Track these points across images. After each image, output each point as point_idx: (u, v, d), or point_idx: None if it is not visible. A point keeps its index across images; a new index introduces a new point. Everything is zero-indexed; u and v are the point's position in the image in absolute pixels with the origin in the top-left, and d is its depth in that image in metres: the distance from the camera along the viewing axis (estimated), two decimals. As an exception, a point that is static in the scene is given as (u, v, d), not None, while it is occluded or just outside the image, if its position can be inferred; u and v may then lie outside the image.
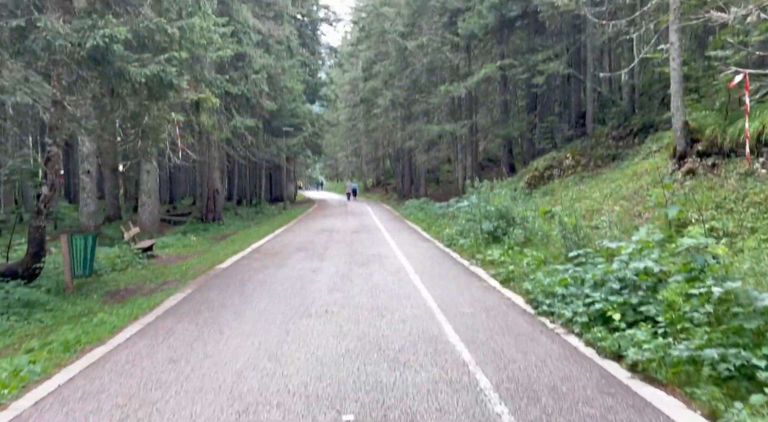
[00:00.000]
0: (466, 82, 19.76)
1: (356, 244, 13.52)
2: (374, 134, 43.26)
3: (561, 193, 16.63)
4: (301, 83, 29.55)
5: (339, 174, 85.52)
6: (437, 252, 12.00)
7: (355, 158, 69.28)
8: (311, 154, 52.43)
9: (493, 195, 13.54)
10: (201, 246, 15.97)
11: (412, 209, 24.61)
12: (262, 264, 10.38)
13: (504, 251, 10.34)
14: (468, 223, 13.36)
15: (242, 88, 17.80)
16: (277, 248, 12.93)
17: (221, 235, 19.52)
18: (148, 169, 18.38)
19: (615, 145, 17.30)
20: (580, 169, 17.30)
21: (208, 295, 7.63)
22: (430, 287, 7.86)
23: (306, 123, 34.06)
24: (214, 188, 23.04)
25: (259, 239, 15.52)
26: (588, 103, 19.29)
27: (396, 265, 10.02)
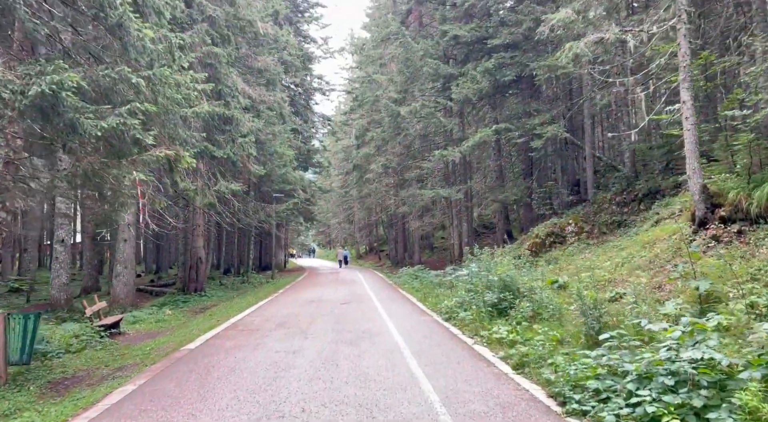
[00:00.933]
0: (461, 146, 19.16)
1: (345, 317, 12.24)
2: (367, 200, 42.65)
3: (565, 261, 15.59)
4: (293, 149, 29.08)
5: (332, 241, 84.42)
6: (435, 327, 10.73)
7: (348, 224, 68.53)
8: (303, 221, 51.57)
9: (494, 263, 12.45)
10: (176, 321, 14.58)
11: (406, 278, 23.37)
12: (236, 344, 9.07)
13: (512, 327, 9.13)
14: (468, 294, 12.18)
15: (228, 151, 17.02)
16: (256, 324, 11.62)
17: (201, 307, 18.13)
18: (125, 237, 17.25)
19: (619, 211, 16.46)
20: (584, 236, 16.35)
21: (164, 387, 6.32)
22: (430, 374, 6.61)
23: (297, 189, 33.36)
24: (197, 256, 21.84)
25: (239, 313, 14.18)
26: (587, 168, 18.64)
27: (389, 344, 8.75)
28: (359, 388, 6.01)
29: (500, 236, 24.79)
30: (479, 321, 10.34)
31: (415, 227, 32.97)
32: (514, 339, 8.41)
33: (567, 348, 7.26)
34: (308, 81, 42.77)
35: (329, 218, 73.22)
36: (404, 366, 7.13)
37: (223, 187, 16.88)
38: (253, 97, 21.97)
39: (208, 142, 16.94)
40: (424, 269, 25.51)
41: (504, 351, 7.84)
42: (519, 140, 18.18)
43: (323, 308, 14.38)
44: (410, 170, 30.57)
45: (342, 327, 10.71)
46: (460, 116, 21.54)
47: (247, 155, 18.80)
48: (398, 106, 22.75)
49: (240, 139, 17.56)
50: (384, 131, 25.85)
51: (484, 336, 9.14)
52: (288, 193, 30.61)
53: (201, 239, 21.91)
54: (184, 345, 9.33)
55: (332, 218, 72.13)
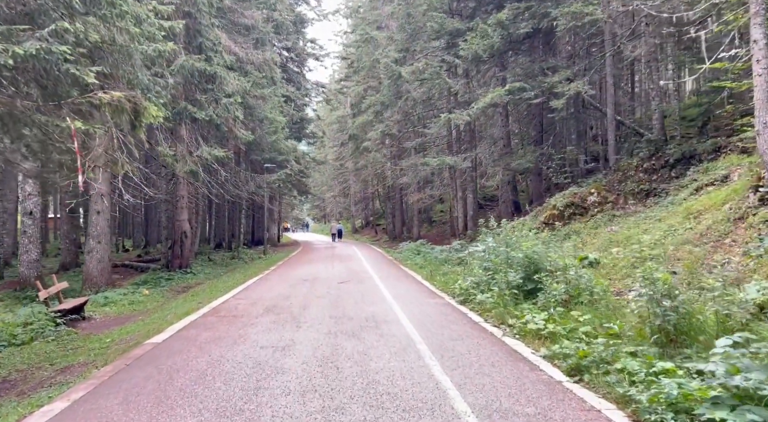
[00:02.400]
0: (469, 109, 17.35)
1: (344, 300, 10.64)
2: (364, 172, 40.85)
3: (588, 235, 14.00)
4: (285, 117, 27.14)
5: (327, 215, 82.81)
6: (452, 313, 9.13)
7: (344, 198, 66.90)
8: (297, 194, 49.82)
9: (518, 238, 10.82)
10: (153, 303, 12.97)
11: (408, 253, 21.81)
12: (213, 336, 7.45)
13: (548, 315, 7.55)
14: (486, 273, 10.58)
15: (211, 113, 15.18)
16: (241, 308, 10.00)
17: (184, 286, 16.52)
18: (98, 208, 15.49)
19: (647, 179, 14.80)
20: (609, 206, 14.72)
21: (104, 405, 4.70)
22: (461, 383, 5.02)
23: (290, 160, 31.51)
24: (181, 230, 20.13)
25: (224, 293, 12.57)
26: (609, 132, 16.91)
27: (401, 337, 7.16)
28: (369, 408, 4.40)
29: (505, 208, 23.17)
30: (503, 306, 8.76)
31: (415, 200, 31.32)
32: (554, 331, 6.83)
33: (630, 346, 5.68)
34: (301, 46, 40.45)
35: (324, 192, 71.55)
36: (424, 370, 5.53)
37: (206, 153, 15.07)
38: (240, 56, 19.99)
39: (188, 102, 15.08)
40: (426, 243, 23.94)
41: (546, 348, 6.25)
42: (534, 101, 16.38)
43: (319, 288, 12.78)
44: (410, 139, 28.75)
45: (341, 313, 9.10)
46: (466, 76, 19.66)
47: (234, 119, 16.95)
48: (399, 66, 20.81)
49: (224, 99, 15.69)
50: (383, 96, 23.92)
51: (514, 326, 7.55)
52: (280, 164, 28.78)
53: (185, 211, 20.17)
54: (151, 336, 7.70)
55: (327, 191, 70.46)
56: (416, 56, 21.51)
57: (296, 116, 32.72)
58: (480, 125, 26.05)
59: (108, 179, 15.58)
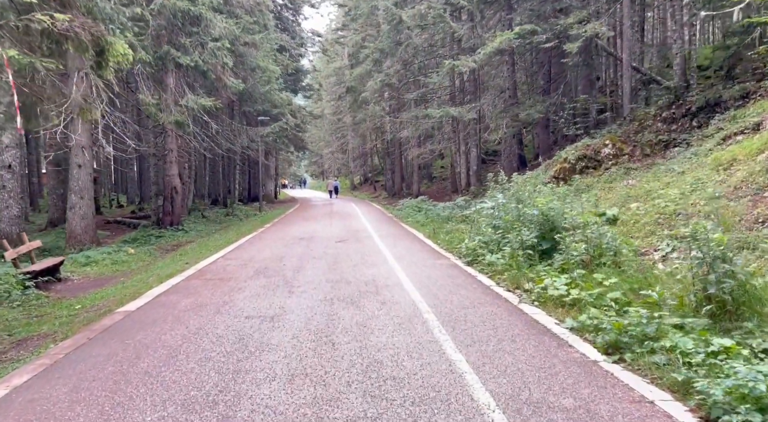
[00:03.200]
0: (475, 55, 16.10)
1: (342, 261, 9.83)
2: (362, 126, 39.50)
3: (602, 189, 13.08)
4: (278, 65, 25.75)
5: (324, 172, 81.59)
6: (460, 276, 8.32)
7: (342, 154, 65.59)
8: (294, 149, 48.61)
9: (530, 193, 9.92)
10: (137, 263, 12.18)
11: (409, 210, 20.96)
12: (195, 303, 6.65)
13: (570, 279, 6.73)
14: (495, 231, 9.74)
15: (196, 58, 13.98)
16: (230, 270, 9.19)
17: (174, 244, 15.73)
18: (79, 162, 14.50)
19: (666, 129, 13.79)
20: (625, 159, 13.76)
21: (50, 395, 3.89)
22: (478, 364, 4.22)
23: (285, 113, 30.25)
24: (171, 186, 19.19)
25: (214, 253, 11.78)
26: (624, 80, 15.78)
27: (405, 304, 6.35)
28: (371, 398, 3.60)
29: (509, 163, 22.15)
30: (516, 268, 7.95)
31: (415, 155, 30.25)
32: (578, 298, 6.03)
33: (673, 318, 4.86)
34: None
35: (321, 148, 70.21)
36: (434, 346, 4.72)
37: (192, 102, 13.95)
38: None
39: (172, 46, 13.86)
40: (427, 200, 23.08)
41: (571, 318, 5.45)
42: (546, 45, 15.12)
43: (315, 248, 11.96)
44: (410, 91, 27.41)
45: (339, 276, 8.29)
46: (471, 20, 18.27)
47: (222, 66, 15.73)
48: (399, 9, 19.36)
49: (211, 43, 14.45)
50: (382, 43, 22.47)
51: (531, 291, 6.75)
52: (275, 117, 27.55)
53: (175, 166, 19.16)
54: (126, 302, 6.90)
55: (325, 147, 69.12)
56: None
57: (291, 66, 31.20)
58: (484, 75, 24.73)
59: (89, 130, 14.52)
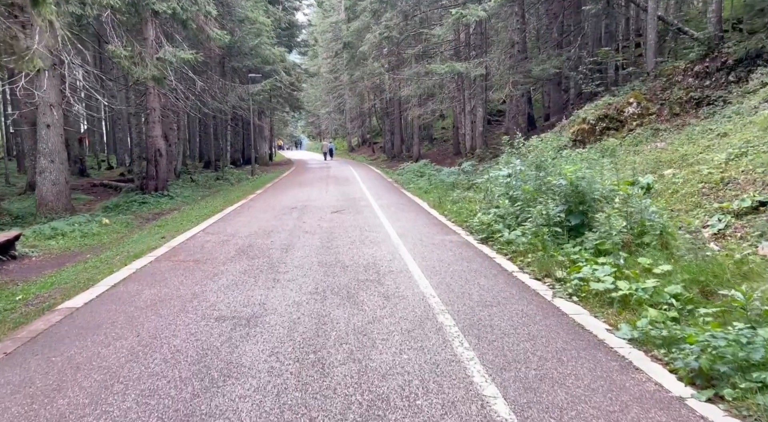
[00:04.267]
0: (485, 3, 14.50)
1: (338, 237, 8.64)
2: (359, 84, 37.74)
3: (627, 153, 11.80)
4: (270, 18, 23.93)
5: (321, 132, 79.67)
6: (475, 259, 7.12)
7: (339, 114, 63.65)
8: (290, 109, 46.81)
9: (553, 159, 8.64)
10: (111, 235, 10.97)
11: (410, 175, 19.68)
12: (157, 296, 5.47)
13: (614, 266, 5.54)
14: (513, 204, 8.51)
15: (174, 5, 12.41)
16: (209, 248, 7.99)
17: (156, 213, 14.51)
18: (47, 121, 13.10)
19: (698, 85, 12.40)
20: (652, 119, 12.43)
21: None
22: (523, 404, 3.05)
23: (279, 70, 28.51)
24: (154, 148, 17.81)
25: (196, 225, 10.58)
26: (648, 30, 14.25)
27: (413, 300, 5.18)
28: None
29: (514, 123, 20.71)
30: (542, 249, 6.77)
31: (415, 115, 28.69)
32: (631, 294, 4.85)
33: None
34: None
35: (318, 108, 68.24)
36: (457, 372, 3.56)
37: (170, 55, 12.44)
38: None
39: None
40: (429, 164, 21.76)
41: (626, 322, 4.29)
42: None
43: (308, 219, 10.75)
44: (411, 46, 25.64)
45: (333, 258, 7.10)
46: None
47: (205, 15, 14.12)
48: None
49: (190, -12, 12.84)
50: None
51: (565, 281, 5.58)
52: (267, 74, 25.85)
53: (158, 126, 17.73)
54: (75, 293, 5.72)
55: (321, 107, 67.17)
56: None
57: (284, 19, 29.26)
58: (491, 29, 22.99)
59: (56, 86, 13.06)
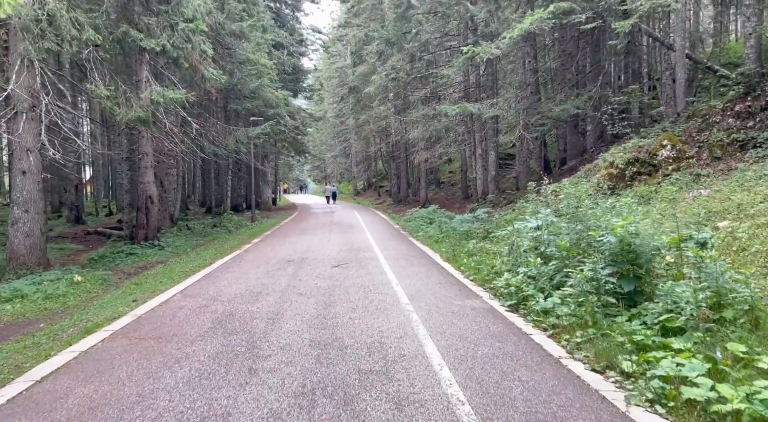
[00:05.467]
0: (499, 40, 13.54)
1: (337, 303, 7.25)
2: (365, 128, 37.06)
3: (664, 202, 10.47)
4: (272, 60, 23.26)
5: (327, 176, 79.20)
6: (507, 334, 5.68)
7: (344, 158, 63.22)
8: (295, 153, 46.13)
9: (596, 210, 7.31)
10: (80, 296, 9.61)
11: (419, 222, 18.37)
12: (88, 399, 4.07)
13: (707, 359, 4.12)
14: (546, 262, 7.15)
15: (164, 42, 11.48)
16: (180, 319, 6.61)
17: (140, 266, 13.19)
18: (23, 167, 11.97)
19: (740, 126, 11.19)
20: (689, 163, 11.16)
21: None
22: None
23: (283, 114, 27.74)
24: (146, 195, 16.66)
25: (176, 283, 9.24)
26: (677, 69, 13.18)
27: (435, 406, 3.76)
28: None
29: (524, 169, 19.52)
30: (593, 323, 5.39)
31: (422, 159, 27.68)
32: (741, 409, 3.42)
33: None
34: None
35: (324, 152, 67.96)
36: None
37: (157, 95, 11.39)
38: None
39: (132, 26, 11.36)
40: (438, 209, 20.49)
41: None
42: (587, 26, 12.54)
43: (305, 276, 9.38)
44: (418, 89, 24.85)
45: (329, 334, 5.69)
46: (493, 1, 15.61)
47: (200, 54, 13.19)
48: (408, -9, 16.82)
49: (183, 25, 11.93)
50: (387, 31, 19.88)
51: (638, 378, 4.14)
52: (270, 118, 25.01)
53: (150, 172, 16.64)
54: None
55: (327, 151, 66.91)
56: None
57: (288, 63, 28.72)
58: (500, 71, 22.18)
59: (35, 130, 12.00)
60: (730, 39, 25.13)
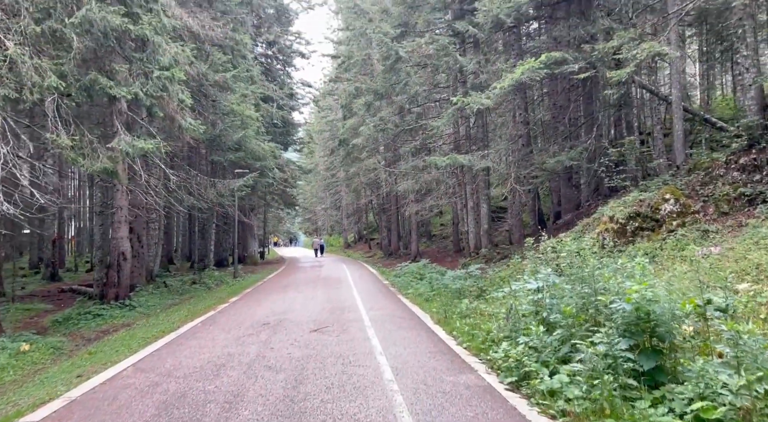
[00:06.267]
0: (490, 90, 13.11)
1: (309, 379, 6.26)
2: (355, 180, 36.59)
3: (671, 259, 9.69)
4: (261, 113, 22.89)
5: (318, 229, 78.40)
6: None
7: (335, 211, 62.61)
8: (284, 206, 45.47)
9: (605, 269, 6.49)
10: (23, 368, 8.53)
11: (409, 277, 17.44)
12: None
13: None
14: (550, 331, 6.27)
15: (137, 90, 10.88)
16: (120, 403, 5.59)
17: (104, 329, 12.13)
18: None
19: (747, 179, 10.59)
20: (694, 218, 10.46)
21: None
22: None
23: (272, 167, 27.19)
24: (118, 251, 15.73)
25: (134, 352, 8.21)
26: (675, 121, 12.76)
27: None
28: None
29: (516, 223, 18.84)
30: (612, 413, 4.47)
31: (413, 211, 27.01)
32: None
33: None
34: (284, 42, 36.22)
35: (314, 204, 67.51)
36: None
37: (125, 144, 10.67)
38: (195, 30, 15.72)
39: (102, 73, 10.78)
40: (429, 264, 19.60)
41: None
42: (580, 76, 12.15)
43: (278, 344, 8.37)
44: (407, 142, 24.46)
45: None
46: (480, 52, 15.31)
47: (178, 103, 12.62)
48: (397, 44, 16.57)
49: (158, 72, 11.38)
50: (377, 84, 19.58)
51: None
52: (258, 170, 24.39)
53: (124, 226, 15.77)
54: None
55: (318, 203, 66.47)
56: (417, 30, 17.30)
57: (277, 115, 28.43)
58: (491, 123, 21.88)
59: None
60: (716, 94, 25.25)
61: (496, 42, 16.37)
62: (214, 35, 16.60)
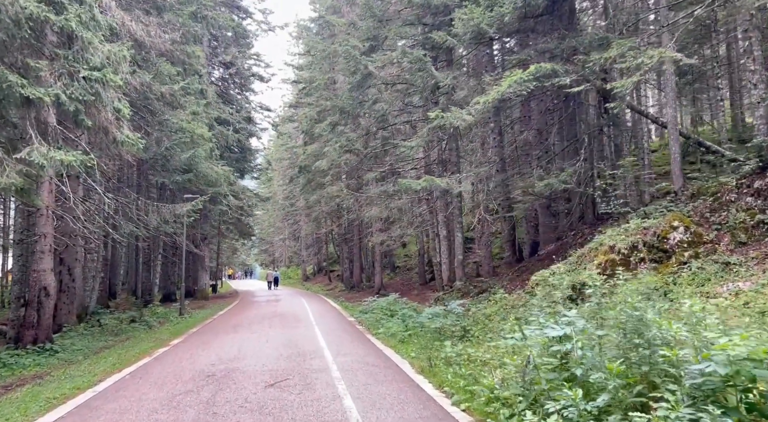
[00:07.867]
0: (472, 106, 11.80)
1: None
2: (316, 209, 34.80)
3: (689, 296, 8.37)
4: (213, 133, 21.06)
5: (275, 260, 75.54)
6: None
7: (294, 242, 60.38)
8: (239, 236, 43.11)
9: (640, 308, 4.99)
10: None
11: (378, 314, 15.63)
12: None
13: None
14: (591, 396, 4.70)
15: (57, 91, 9.01)
16: None
17: (4, 385, 9.84)
18: None
19: (763, 205, 9.47)
20: (711, 248, 9.22)
21: None
22: None
23: (224, 191, 25.20)
24: (39, 286, 13.42)
25: None
26: (671, 144, 11.74)
27: None
28: None
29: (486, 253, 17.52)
30: None
31: (378, 241, 25.44)
32: None
33: None
34: (241, 64, 34.59)
35: (272, 234, 65.13)
36: None
37: (39, 156, 8.70)
38: (138, 36, 13.95)
39: (13, 70, 8.91)
40: (399, 299, 17.87)
41: None
42: (572, 90, 10.98)
43: (224, 407, 6.48)
44: (374, 166, 23.00)
45: None
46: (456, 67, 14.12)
47: (113, 112, 10.76)
48: (366, 56, 15.18)
49: (86, 72, 9.55)
50: (342, 101, 18.06)
51: None
52: (210, 195, 22.35)
53: (48, 257, 13.51)
54: None
55: (276, 234, 64.15)
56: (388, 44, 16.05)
57: (233, 138, 26.57)
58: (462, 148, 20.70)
59: None
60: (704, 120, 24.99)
61: (473, 59, 15.26)
62: (161, 43, 14.83)
